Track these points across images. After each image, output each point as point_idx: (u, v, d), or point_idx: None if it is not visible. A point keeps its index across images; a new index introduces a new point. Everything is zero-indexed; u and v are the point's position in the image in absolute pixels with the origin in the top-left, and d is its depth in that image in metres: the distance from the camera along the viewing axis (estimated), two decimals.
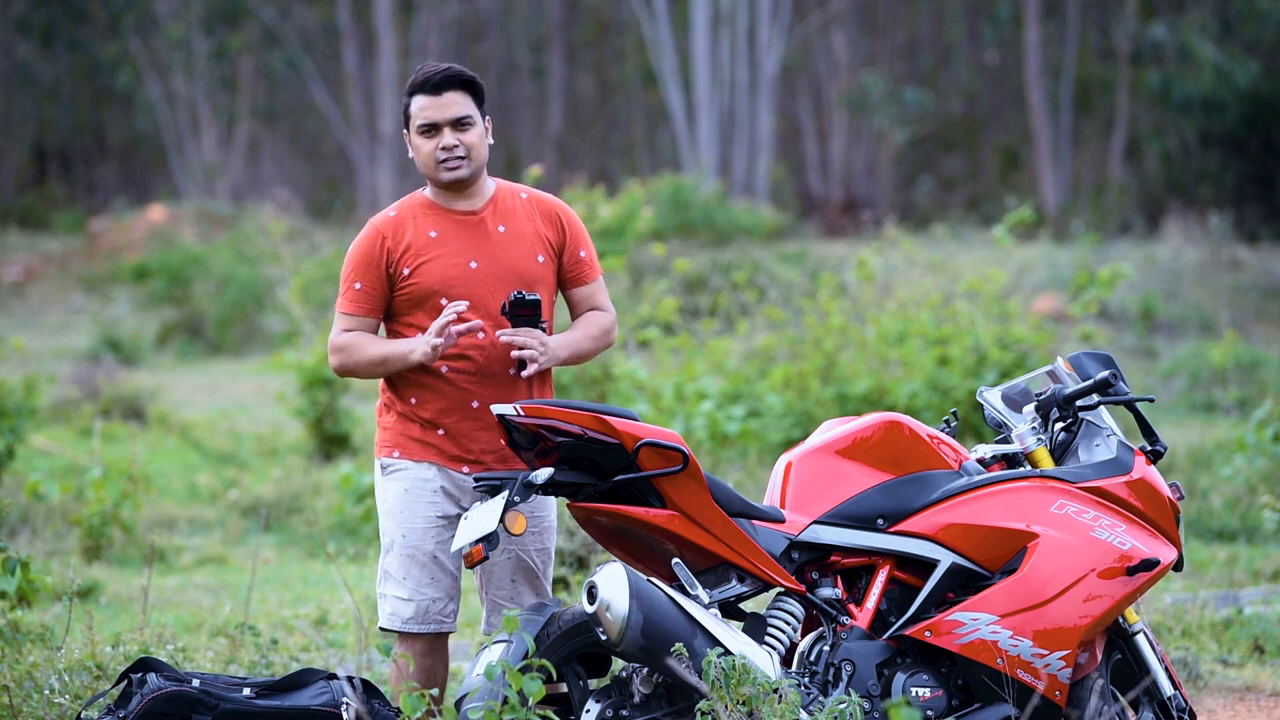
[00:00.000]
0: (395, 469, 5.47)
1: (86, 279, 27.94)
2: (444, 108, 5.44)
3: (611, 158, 42.85)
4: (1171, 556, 5.48)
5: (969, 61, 40.81)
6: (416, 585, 5.44)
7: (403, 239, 5.46)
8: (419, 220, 5.49)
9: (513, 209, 5.54)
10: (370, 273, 5.46)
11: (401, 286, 5.45)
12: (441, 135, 5.45)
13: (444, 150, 5.44)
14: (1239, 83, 29.75)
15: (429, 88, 5.44)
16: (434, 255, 5.44)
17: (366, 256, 5.47)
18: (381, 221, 5.51)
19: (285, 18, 39.83)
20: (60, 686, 6.05)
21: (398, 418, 5.48)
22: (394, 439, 5.48)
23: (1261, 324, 22.16)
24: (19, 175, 42.39)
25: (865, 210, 34.75)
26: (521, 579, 5.52)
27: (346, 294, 5.50)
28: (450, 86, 5.45)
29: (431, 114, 5.45)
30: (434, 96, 5.44)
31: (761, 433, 12.24)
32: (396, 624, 5.47)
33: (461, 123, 5.45)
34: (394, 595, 5.47)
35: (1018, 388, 5.78)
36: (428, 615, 5.45)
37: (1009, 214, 13.96)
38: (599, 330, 5.59)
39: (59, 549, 10.30)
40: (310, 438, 13.64)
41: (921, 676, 5.35)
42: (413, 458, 5.45)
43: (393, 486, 5.47)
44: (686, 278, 19.97)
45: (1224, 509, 10.76)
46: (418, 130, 5.47)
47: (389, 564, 5.48)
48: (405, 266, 5.44)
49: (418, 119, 5.46)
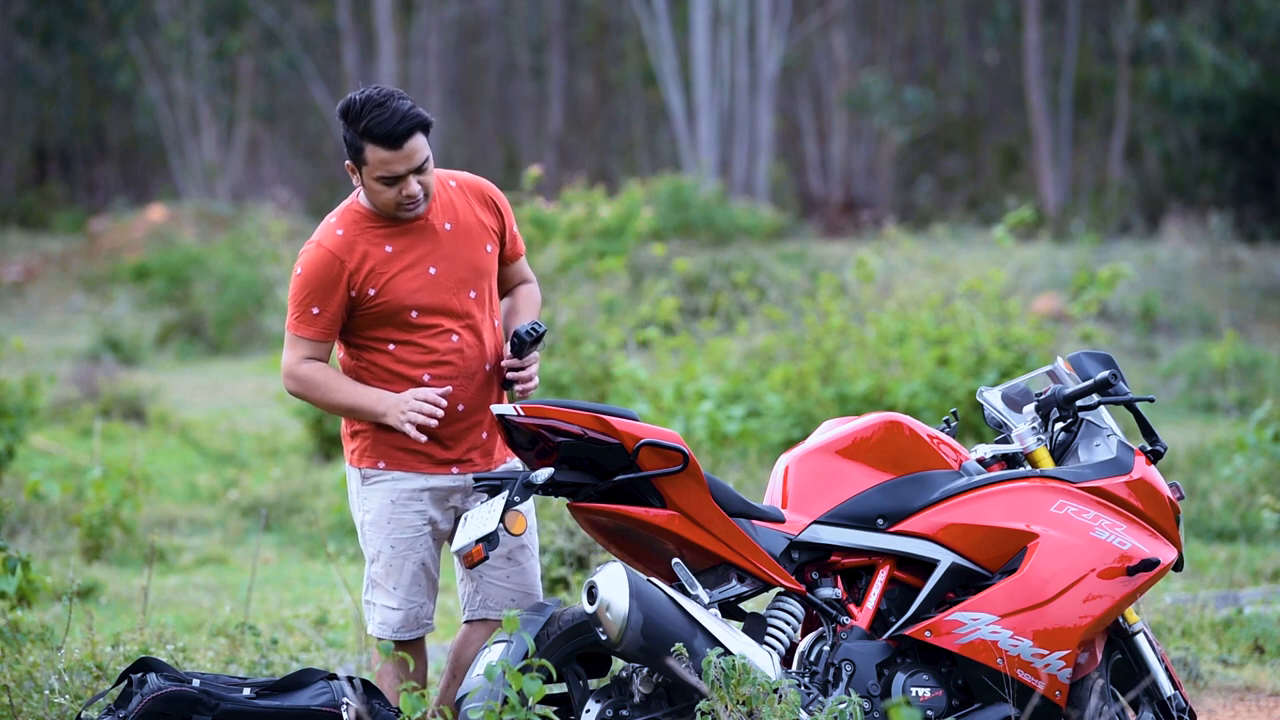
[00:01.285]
0: (379, 479, 5.41)
1: (86, 279, 27.94)
2: (407, 159, 5.26)
3: (611, 158, 42.84)
4: (1171, 556, 5.48)
5: (969, 61, 40.81)
6: (406, 594, 5.43)
7: (362, 259, 5.32)
8: (369, 236, 5.35)
9: (450, 202, 5.45)
10: (330, 297, 5.32)
11: (368, 306, 5.34)
12: (405, 183, 5.29)
13: (408, 197, 5.31)
14: (1239, 83, 29.75)
15: (390, 141, 5.23)
16: (396, 270, 5.34)
17: (324, 282, 5.31)
18: (334, 244, 5.33)
19: (285, 18, 39.83)
20: (60, 686, 6.05)
21: (376, 428, 5.40)
22: (377, 449, 5.40)
23: (1261, 324, 22.16)
24: (19, 175, 42.39)
25: (865, 210, 34.74)
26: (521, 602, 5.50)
27: (302, 318, 5.35)
28: (410, 136, 5.25)
29: (395, 167, 5.26)
30: (395, 150, 5.24)
31: (761, 433, 12.24)
32: (387, 633, 5.46)
33: (422, 167, 5.31)
34: (383, 604, 5.45)
35: (1018, 388, 5.78)
36: (416, 622, 5.46)
37: (1009, 214, 13.96)
38: (536, 303, 5.62)
39: (59, 549, 10.30)
40: (310, 438, 13.64)
41: (921, 676, 5.36)
42: (399, 468, 5.40)
43: (376, 497, 5.42)
44: (686, 278, 19.97)
45: (1224, 509, 10.76)
46: (377, 179, 5.28)
47: (376, 573, 5.46)
48: (370, 287, 5.33)
49: (378, 169, 5.26)
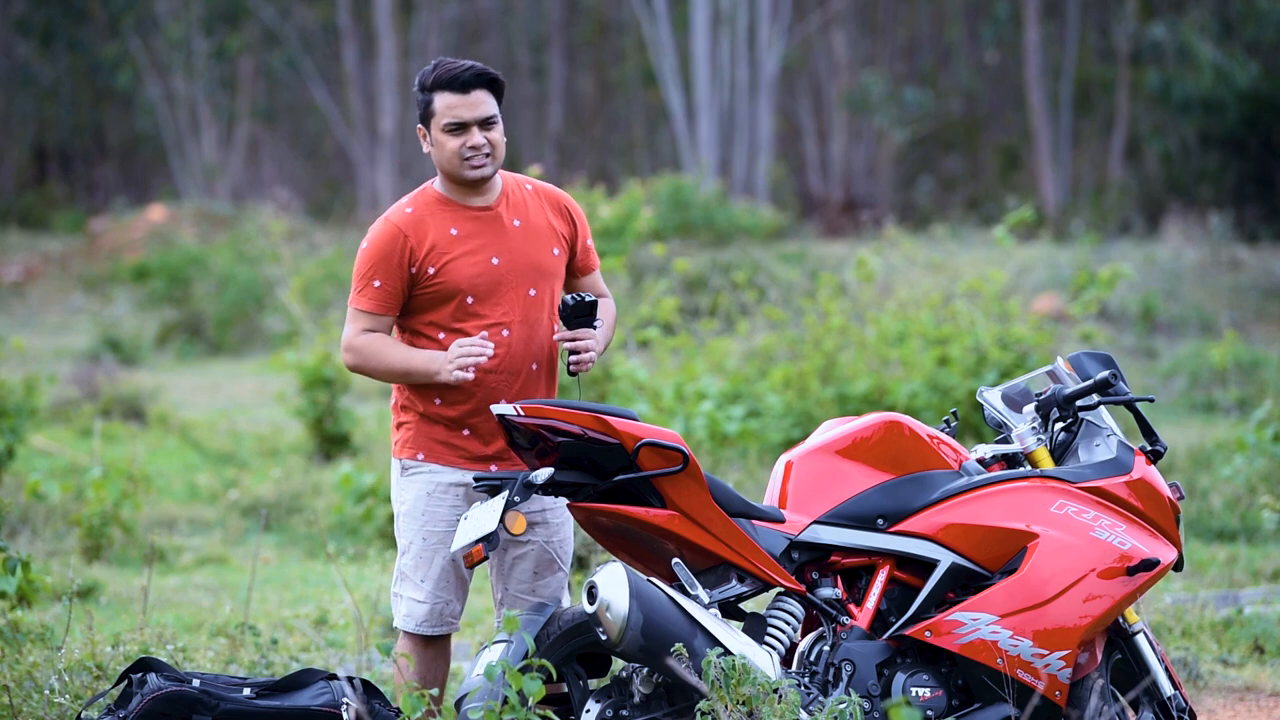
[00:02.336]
0: (418, 471, 5.44)
1: (86, 279, 27.94)
2: (473, 106, 5.41)
3: (611, 158, 42.84)
4: (1171, 556, 5.48)
5: (969, 61, 40.81)
6: (434, 588, 5.44)
7: (425, 237, 5.40)
8: (438, 218, 5.44)
9: (524, 202, 5.54)
10: (391, 271, 5.38)
11: (425, 285, 5.39)
12: (469, 134, 5.41)
13: (471, 149, 5.41)
14: (1239, 83, 29.74)
15: (457, 85, 5.39)
16: (458, 254, 5.40)
17: (386, 254, 5.39)
18: (400, 219, 5.43)
19: (285, 18, 39.82)
20: (60, 686, 6.05)
21: (420, 418, 5.44)
22: (418, 441, 5.44)
23: (1261, 324, 22.16)
24: (19, 175, 42.38)
25: (865, 210, 34.74)
26: (545, 570, 5.53)
27: (364, 291, 5.40)
28: (478, 85, 5.42)
29: (461, 112, 5.40)
30: (462, 95, 5.40)
31: (761, 433, 12.24)
32: (410, 626, 5.46)
33: (488, 122, 5.43)
34: (410, 597, 5.46)
35: (1018, 388, 5.78)
36: (441, 618, 5.46)
37: (1009, 214, 13.96)
38: (612, 318, 5.65)
39: (59, 549, 10.30)
40: (310, 438, 13.64)
41: (921, 676, 5.36)
42: (438, 461, 5.43)
43: (413, 489, 5.45)
44: (686, 278, 19.97)
45: (1224, 509, 10.76)
46: (443, 128, 5.41)
47: (406, 565, 5.47)
48: (430, 266, 5.38)
49: (444, 116, 5.40)
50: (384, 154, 37.50)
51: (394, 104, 37.57)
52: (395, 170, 37.23)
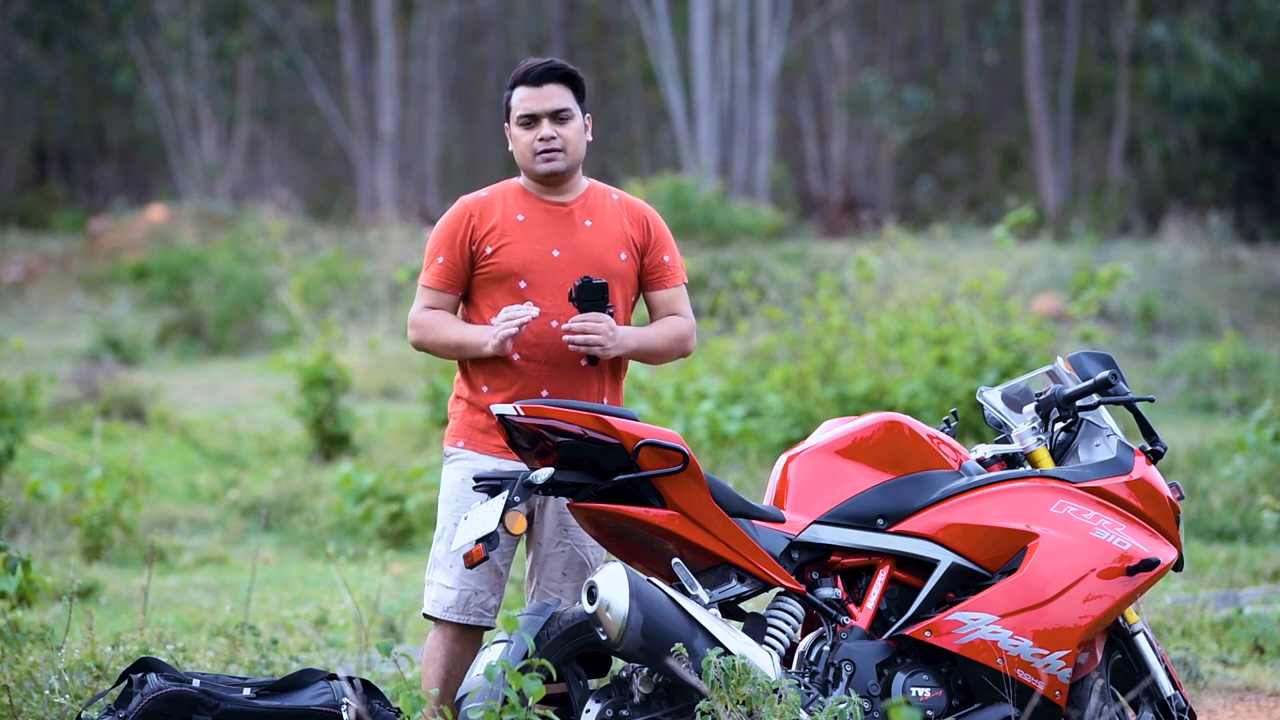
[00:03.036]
0: (457, 458, 5.52)
1: (86, 279, 27.93)
2: (544, 99, 5.50)
3: (611, 158, 42.84)
4: (1171, 556, 5.48)
5: (969, 61, 40.80)
6: (462, 574, 5.47)
7: (490, 218, 5.52)
8: (508, 203, 5.56)
9: (602, 206, 5.61)
10: (454, 248, 5.51)
11: (482, 265, 5.50)
12: (540, 126, 5.51)
13: (541, 141, 5.50)
14: (1239, 83, 29.75)
15: (530, 79, 5.50)
16: (518, 238, 5.50)
17: (452, 232, 5.53)
18: (472, 200, 5.58)
19: (285, 18, 39.82)
20: (60, 686, 6.05)
21: (467, 407, 5.54)
22: (460, 429, 5.54)
23: (1261, 324, 22.16)
24: (19, 175, 42.37)
25: (865, 210, 34.74)
26: (573, 573, 5.55)
27: (430, 268, 5.54)
28: (551, 79, 5.51)
29: (531, 105, 5.51)
30: (534, 88, 5.50)
31: (761, 433, 12.24)
32: (438, 611, 5.48)
33: (560, 115, 5.52)
34: (439, 582, 5.50)
35: (1018, 388, 5.78)
36: (468, 606, 5.47)
37: (1009, 214, 13.96)
38: (674, 333, 5.63)
39: (59, 549, 10.30)
40: (310, 438, 13.64)
41: (921, 676, 5.36)
42: (476, 449, 5.50)
43: (452, 475, 5.52)
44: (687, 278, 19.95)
45: (1224, 509, 10.76)
46: (517, 121, 5.53)
47: (439, 551, 5.52)
48: (489, 245, 5.50)
49: (518, 110, 5.52)
50: (384, 154, 37.50)
51: (394, 104, 37.56)
52: (395, 170, 37.23)
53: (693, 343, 5.71)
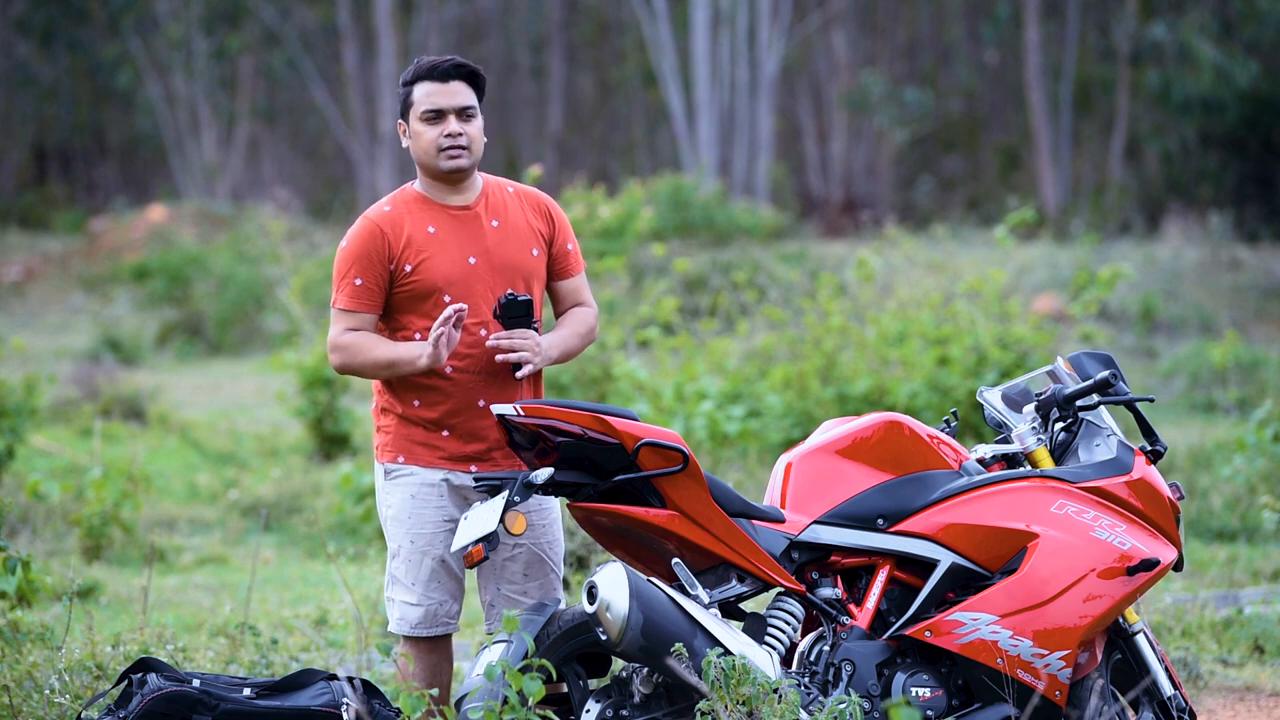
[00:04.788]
0: (400, 474, 5.43)
1: (86, 279, 27.93)
2: (451, 95, 5.43)
3: (611, 158, 42.84)
4: (1171, 556, 5.48)
5: (969, 61, 40.80)
6: (425, 590, 5.43)
7: (401, 234, 5.42)
8: (415, 215, 5.45)
9: (503, 203, 5.54)
10: (371, 268, 5.40)
11: (402, 283, 5.40)
12: (446, 123, 5.43)
13: (448, 138, 5.42)
14: (1239, 83, 29.74)
15: (436, 75, 5.43)
16: (434, 252, 5.41)
17: (366, 251, 5.41)
18: (378, 216, 5.45)
19: (285, 18, 39.82)
20: (60, 686, 6.05)
21: (399, 420, 5.44)
22: (397, 444, 5.44)
23: (1261, 324, 22.16)
24: (19, 175, 42.37)
25: (865, 210, 34.73)
26: (535, 571, 5.52)
27: (345, 290, 5.41)
28: (457, 76, 5.45)
29: (438, 100, 5.43)
30: (441, 84, 5.43)
31: (761, 433, 12.24)
32: (405, 629, 5.47)
33: (465, 112, 5.45)
34: (402, 600, 5.46)
35: (1018, 388, 5.78)
36: (435, 619, 5.46)
37: (1009, 214, 13.96)
38: (585, 327, 5.60)
39: (59, 549, 10.30)
40: (310, 438, 13.64)
41: (921, 676, 5.35)
42: (419, 463, 5.42)
43: (398, 492, 5.44)
44: (686, 278, 19.96)
45: (1224, 509, 10.76)
46: (421, 116, 5.44)
47: (396, 569, 5.46)
48: (407, 263, 5.39)
49: (422, 104, 5.44)
50: (384, 154, 37.51)
51: (394, 104, 37.53)
52: (395, 170, 37.23)
53: (597, 330, 5.68)
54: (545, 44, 42.59)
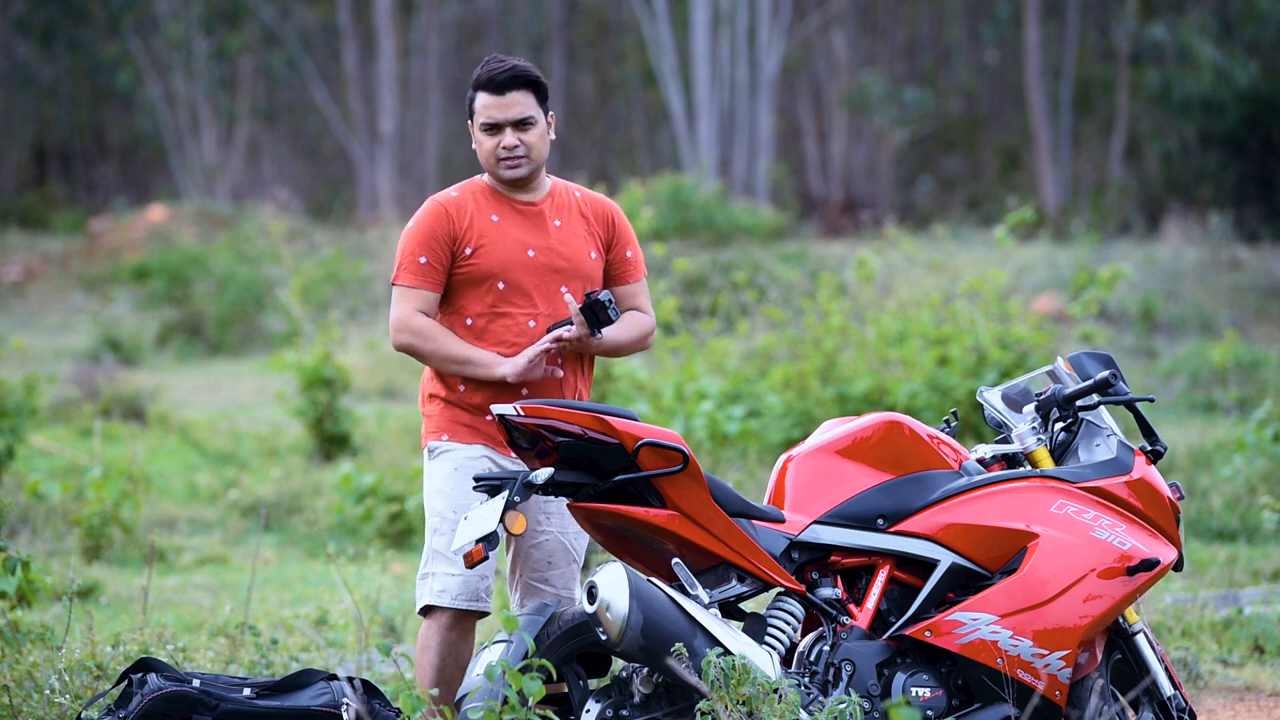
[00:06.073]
0: (443, 451, 5.52)
1: (86, 279, 27.93)
2: (506, 108, 5.51)
3: (611, 158, 42.84)
4: (1171, 556, 5.48)
5: (969, 61, 40.80)
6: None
7: (465, 218, 5.53)
8: (480, 204, 5.57)
9: (568, 204, 5.64)
10: (436, 247, 5.51)
11: (461, 265, 5.51)
12: (503, 134, 5.52)
13: (505, 149, 5.52)
14: (1239, 83, 29.74)
15: (493, 86, 5.51)
16: (494, 239, 5.52)
17: (432, 231, 5.52)
18: (445, 199, 5.57)
19: (285, 18, 39.82)
20: (60, 686, 6.05)
21: (444, 405, 5.53)
22: (441, 424, 5.53)
23: (1261, 324, 22.16)
24: (19, 175, 42.37)
25: (865, 210, 34.73)
26: (559, 560, 5.57)
27: (409, 268, 5.51)
28: (514, 86, 5.51)
29: (494, 113, 5.51)
30: (497, 96, 5.51)
31: (761, 433, 12.24)
32: (446, 600, 5.45)
33: (523, 123, 5.52)
34: (444, 572, 5.45)
35: (1018, 388, 5.78)
36: (475, 592, 5.47)
37: (1009, 214, 13.96)
38: (638, 329, 5.67)
39: (59, 549, 10.30)
40: (310, 438, 13.64)
41: (921, 676, 5.35)
42: (462, 440, 5.50)
43: (441, 468, 5.51)
44: (686, 278, 19.96)
45: (1224, 509, 10.76)
46: (480, 127, 5.54)
47: (438, 544, 5.48)
48: (468, 245, 5.51)
49: (480, 117, 5.53)
50: (384, 154, 37.50)
51: (394, 104, 37.56)
52: (395, 170, 37.23)
53: (652, 338, 5.75)
54: (545, 44, 42.60)
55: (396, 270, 5.55)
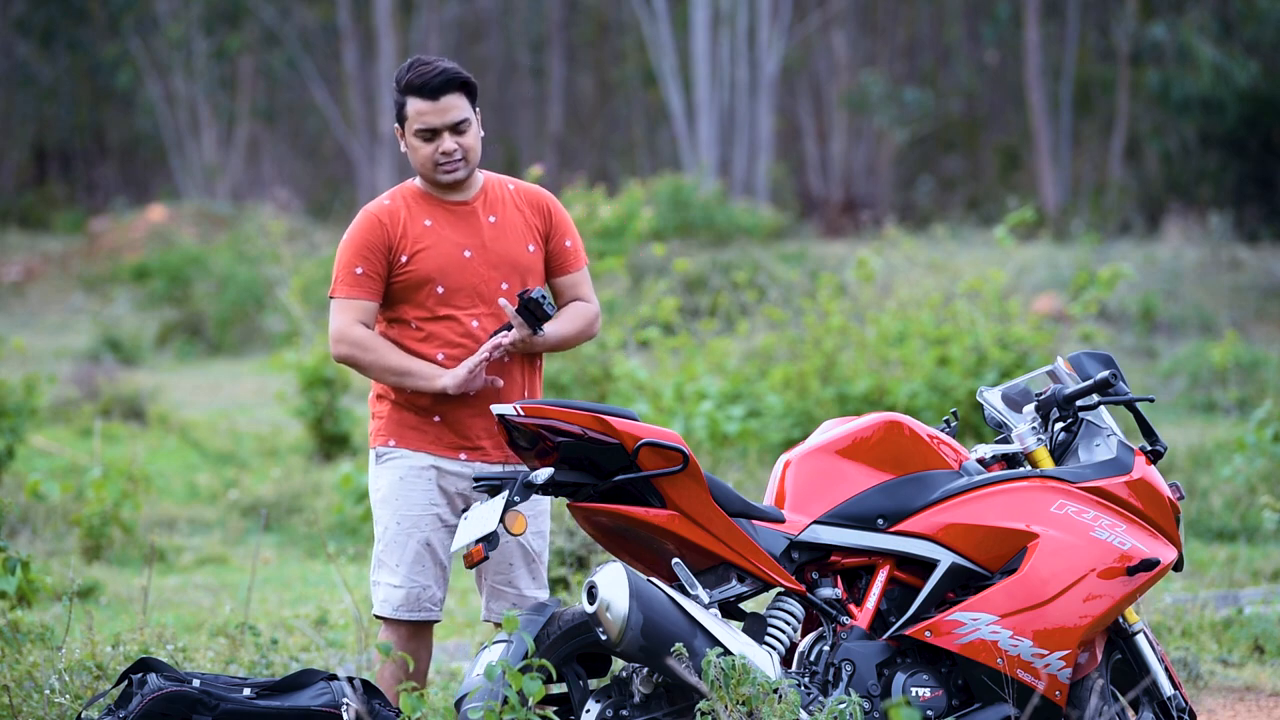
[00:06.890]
0: (390, 457, 5.50)
1: (86, 279, 27.93)
2: (442, 113, 5.47)
3: (611, 158, 42.84)
4: (1171, 556, 5.48)
5: (969, 61, 40.80)
6: (409, 572, 5.48)
7: (398, 225, 5.50)
8: (413, 209, 5.53)
9: (501, 199, 5.60)
10: (372, 257, 5.48)
11: (399, 273, 5.48)
12: (441, 139, 5.48)
13: (443, 155, 5.48)
14: (1239, 83, 29.73)
15: (427, 92, 5.45)
16: (429, 243, 5.49)
17: (366, 241, 5.49)
18: (377, 208, 5.53)
19: (285, 18, 39.82)
20: (60, 686, 6.05)
21: (393, 407, 5.51)
22: (389, 428, 5.51)
23: (1261, 324, 22.16)
24: (19, 175, 42.37)
25: (865, 210, 34.74)
26: (519, 561, 5.56)
27: (346, 279, 5.49)
28: (448, 90, 5.47)
29: (430, 119, 5.47)
30: (432, 101, 5.46)
31: (761, 433, 12.24)
32: (388, 611, 5.50)
33: (459, 126, 5.48)
34: (386, 582, 5.50)
35: (1018, 388, 5.78)
36: (418, 603, 5.48)
37: (1009, 214, 13.96)
38: (582, 319, 5.63)
39: (59, 549, 10.30)
40: (310, 438, 13.65)
41: (921, 676, 5.35)
42: (409, 446, 5.48)
43: (387, 474, 5.50)
44: (686, 278, 19.97)
45: (1224, 509, 10.76)
46: (415, 133, 5.49)
47: (382, 551, 5.52)
48: (403, 253, 5.47)
49: (415, 122, 5.49)
50: (384, 154, 37.49)
51: (393, 104, 37.55)
52: (395, 170, 37.21)
53: (598, 326, 5.71)
54: (545, 44, 42.59)
55: (334, 283, 5.52)
